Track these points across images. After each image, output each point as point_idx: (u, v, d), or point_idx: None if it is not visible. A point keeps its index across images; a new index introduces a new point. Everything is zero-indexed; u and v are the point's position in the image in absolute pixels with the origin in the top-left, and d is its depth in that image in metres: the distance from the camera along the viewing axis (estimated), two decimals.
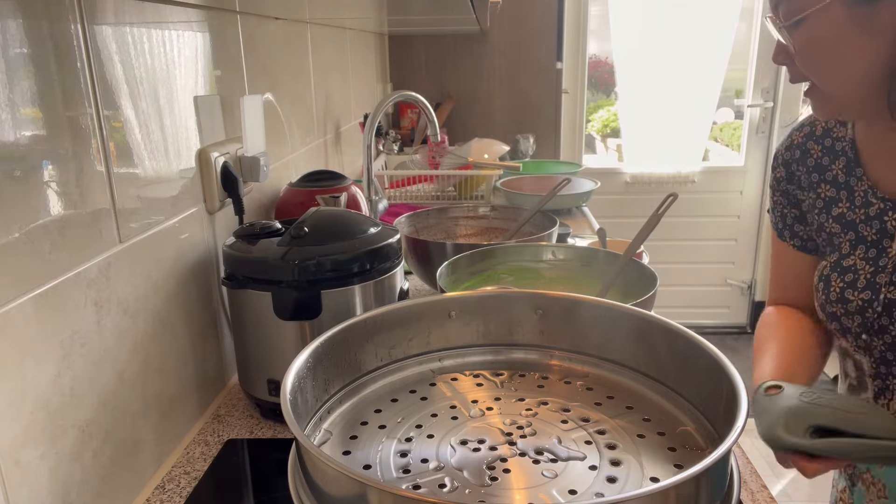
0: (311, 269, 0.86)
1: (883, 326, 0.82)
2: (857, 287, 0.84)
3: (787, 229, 0.95)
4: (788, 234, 0.95)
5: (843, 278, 0.86)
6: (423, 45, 2.94)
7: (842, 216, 0.88)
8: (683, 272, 3.48)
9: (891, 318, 0.81)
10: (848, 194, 0.87)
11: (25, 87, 0.61)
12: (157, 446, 0.85)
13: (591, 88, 3.61)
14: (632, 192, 3.41)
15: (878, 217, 0.84)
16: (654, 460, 0.61)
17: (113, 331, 0.75)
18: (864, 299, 0.83)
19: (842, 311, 0.85)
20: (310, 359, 0.65)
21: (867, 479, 0.88)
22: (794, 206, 0.94)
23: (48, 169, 0.64)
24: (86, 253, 0.70)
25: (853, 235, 0.86)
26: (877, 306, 0.82)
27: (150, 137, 0.84)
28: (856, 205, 0.86)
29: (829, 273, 0.88)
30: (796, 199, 0.93)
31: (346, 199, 1.27)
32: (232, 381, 1.07)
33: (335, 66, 1.92)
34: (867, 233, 0.85)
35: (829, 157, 0.89)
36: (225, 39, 1.09)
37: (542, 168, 2.51)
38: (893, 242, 0.82)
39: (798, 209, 0.94)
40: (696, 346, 0.65)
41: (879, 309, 0.82)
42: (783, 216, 0.96)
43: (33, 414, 0.62)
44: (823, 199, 0.89)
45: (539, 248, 1.19)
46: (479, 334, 0.79)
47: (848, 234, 0.87)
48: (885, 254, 0.83)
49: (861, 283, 0.84)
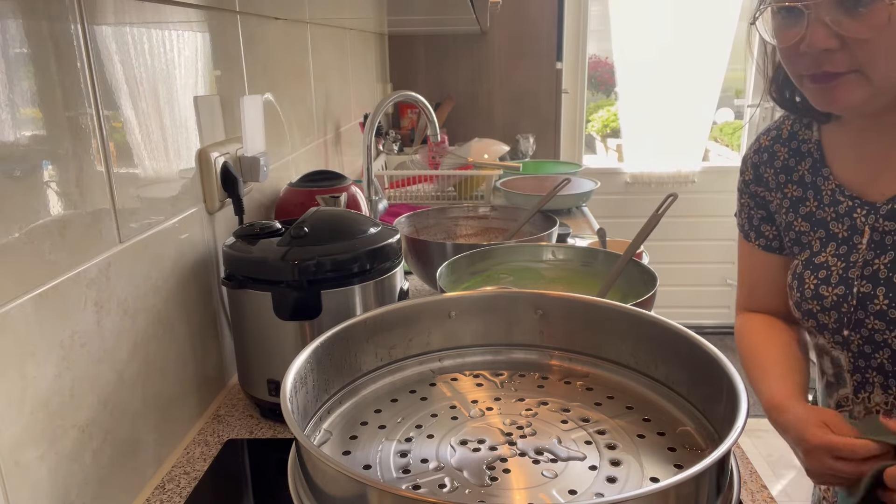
0: (311, 270, 0.86)
1: (859, 320, 0.83)
2: (831, 283, 0.86)
3: (753, 230, 0.98)
4: (754, 235, 0.98)
5: (817, 275, 0.88)
6: (423, 45, 2.94)
7: (810, 214, 0.90)
8: (683, 272, 3.48)
9: (865, 311, 0.83)
10: (815, 193, 0.90)
11: (25, 87, 0.61)
12: (157, 446, 0.85)
13: (591, 88, 3.61)
14: (632, 193, 3.41)
15: (847, 214, 0.86)
16: (654, 460, 0.61)
17: (113, 331, 0.75)
18: (839, 294, 0.85)
19: (818, 308, 0.87)
20: (310, 359, 0.65)
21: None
22: (761, 207, 0.96)
23: (48, 169, 0.64)
24: (86, 253, 0.70)
25: (823, 233, 0.89)
26: (851, 300, 0.84)
27: (150, 137, 0.84)
28: (824, 203, 0.89)
29: (801, 271, 0.90)
30: (764, 199, 0.96)
31: (345, 199, 1.27)
32: (232, 381, 1.07)
33: (335, 66, 1.92)
34: (838, 230, 0.87)
35: (794, 158, 0.92)
36: (225, 39, 1.09)
37: (542, 168, 2.51)
38: (863, 238, 0.84)
39: (765, 210, 0.96)
40: (695, 346, 0.65)
41: (854, 303, 0.83)
42: (750, 218, 0.98)
43: (33, 414, 0.62)
44: (790, 198, 0.92)
45: (539, 249, 1.19)
46: (478, 334, 0.79)
47: (818, 231, 0.89)
48: (855, 250, 0.85)
49: (834, 279, 0.86)
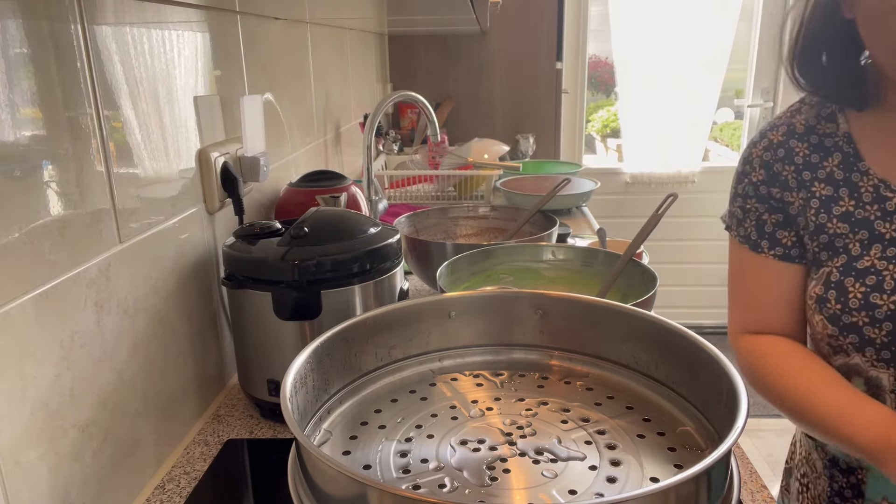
0: (311, 270, 0.86)
1: None
2: (885, 290, 0.76)
3: (767, 238, 0.86)
4: (768, 244, 0.86)
5: (864, 281, 0.77)
6: (424, 45, 2.94)
7: (848, 214, 0.80)
8: (683, 272, 3.48)
9: None
10: (850, 191, 0.81)
11: (25, 87, 0.61)
12: (157, 446, 0.85)
13: (590, 88, 3.61)
14: (632, 193, 3.41)
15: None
16: (654, 460, 0.61)
17: (113, 331, 0.75)
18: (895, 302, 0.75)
19: (866, 321, 0.76)
20: (310, 359, 0.65)
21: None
22: (776, 210, 0.86)
23: (48, 169, 0.64)
24: (86, 253, 0.70)
25: (866, 234, 0.79)
26: None
27: (150, 137, 0.84)
28: (864, 201, 0.80)
29: (840, 278, 0.79)
30: (781, 201, 0.85)
31: (345, 200, 1.27)
32: (232, 381, 1.07)
33: (335, 65, 1.92)
34: (885, 230, 0.78)
35: (818, 154, 0.83)
36: (225, 39, 1.09)
37: (541, 168, 2.51)
38: None
39: (782, 213, 0.85)
40: (695, 346, 0.65)
41: None
42: (760, 225, 0.87)
43: (33, 414, 0.62)
44: (819, 198, 0.82)
45: (539, 249, 1.19)
46: (478, 334, 0.79)
47: (859, 233, 0.79)
48: None
49: (889, 286, 0.76)
